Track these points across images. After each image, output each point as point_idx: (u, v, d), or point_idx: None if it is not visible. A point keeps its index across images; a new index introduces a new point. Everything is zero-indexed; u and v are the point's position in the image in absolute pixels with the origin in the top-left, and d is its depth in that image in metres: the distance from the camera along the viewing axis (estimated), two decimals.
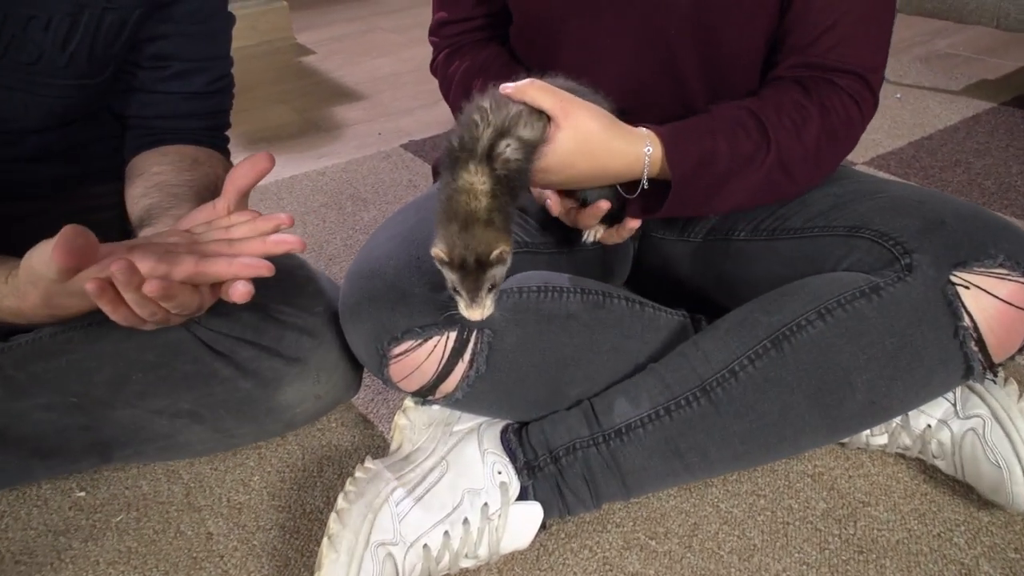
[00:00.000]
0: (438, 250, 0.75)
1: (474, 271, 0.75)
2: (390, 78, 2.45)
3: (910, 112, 2.04)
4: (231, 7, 1.07)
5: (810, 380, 0.84)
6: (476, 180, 0.76)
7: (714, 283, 1.07)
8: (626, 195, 0.92)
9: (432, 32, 1.12)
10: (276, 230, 0.78)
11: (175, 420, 0.95)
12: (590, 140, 0.82)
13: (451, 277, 0.77)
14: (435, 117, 2.13)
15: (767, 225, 1.00)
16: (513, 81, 0.81)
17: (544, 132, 0.80)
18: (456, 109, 1.02)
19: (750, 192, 0.91)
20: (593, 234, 0.98)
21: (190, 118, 1.05)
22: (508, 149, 0.77)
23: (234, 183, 0.79)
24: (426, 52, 1.13)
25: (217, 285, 0.75)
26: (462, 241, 0.74)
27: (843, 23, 0.90)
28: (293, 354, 0.95)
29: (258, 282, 0.78)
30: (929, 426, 0.93)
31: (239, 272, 0.73)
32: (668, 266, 1.13)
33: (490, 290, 0.77)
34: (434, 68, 1.13)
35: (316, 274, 1.03)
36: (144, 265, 0.70)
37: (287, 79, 2.49)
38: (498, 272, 0.76)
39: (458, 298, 0.77)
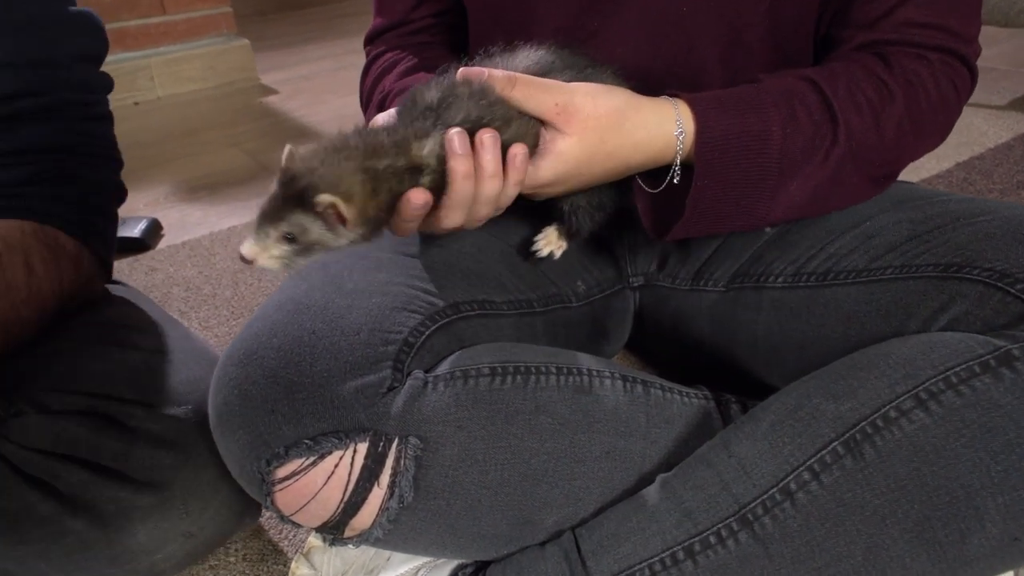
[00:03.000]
0: (290, 150, 0.58)
1: (282, 196, 0.56)
2: (356, 116, 2.19)
3: (954, 130, 1.76)
4: (186, 47, 0.77)
5: (911, 504, 0.54)
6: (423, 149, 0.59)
7: (745, 347, 0.79)
8: (650, 190, 0.70)
9: (367, 41, 0.91)
10: None
11: None
12: (605, 140, 0.63)
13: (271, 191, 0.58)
14: None
15: (815, 266, 0.72)
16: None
17: (537, 138, 0.63)
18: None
19: (809, 195, 0.69)
20: (547, 246, 0.74)
21: None
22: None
23: None
24: None
25: None
26: (320, 160, 0.57)
27: None
28: (145, 476, 0.66)
29: (96, 370, 0.48)
30: None
31: None
32: (681, 324, 0.85)
33: (288, 240, 0.57)
34: (363, 87, 0.89)
35: (186, 356, 0.74)
36: None
37: (243, 121, 2.24)
38: (313, 229, 0.57)
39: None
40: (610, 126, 0.63)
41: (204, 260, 1.44)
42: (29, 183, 0.73)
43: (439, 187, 0.60)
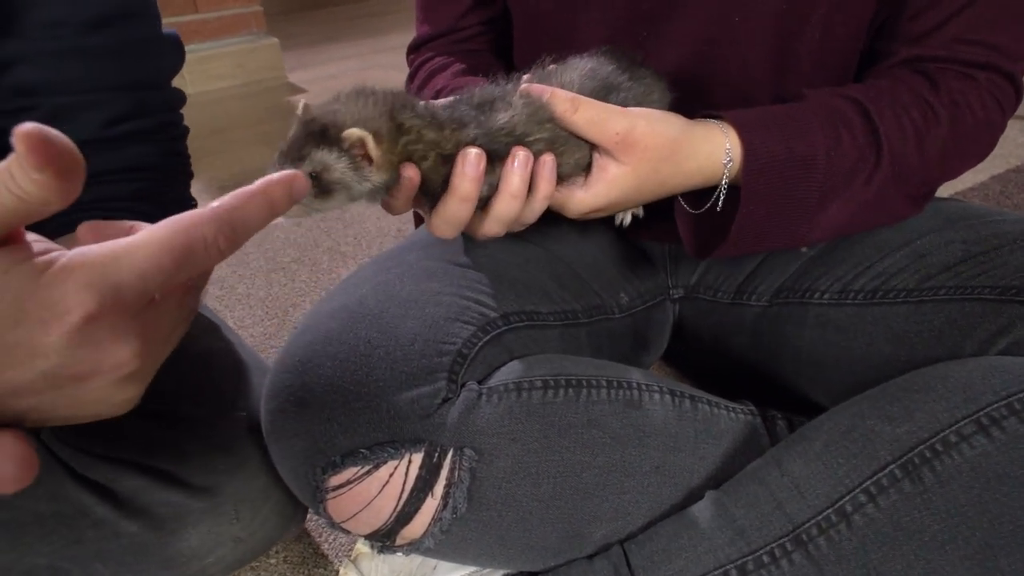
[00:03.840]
0: (306, 104, 0.55)
1: (304, 134, 0.53)
2: None
3: None
4: (216, 45, 0.76)
5: (972, 531, 0.54)
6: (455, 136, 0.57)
7: (788, 363, 0.78)
8: (692, 210, 0.70)
9: (412, 49, 0.89)
10: None
11: None
12: (659, 170, 0.63)
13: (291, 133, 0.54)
14: None
15: (863, 284, 0.72)
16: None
17: (586, 160, 0.63)
18: None
19: (849, 217, 0.69)
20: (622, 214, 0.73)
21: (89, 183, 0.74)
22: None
23: None
24: None
25: None
26: (342, 104, 0.54)
27: (980, 2, 0.67)
28: (200, 481, 0.66)
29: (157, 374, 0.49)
30: None
31: None
32: (722, 338, 0.85)
33: (313, 179, 0.53)
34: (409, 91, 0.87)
35: (246, 361, 0.74)
36: None
37: (272, 119, 2.25)
38: (336, 167, 0.53)
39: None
40: (665, 157, 0.62)
41: (238, 259, 1.45)
42: (133, 199, 0.74)
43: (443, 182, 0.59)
